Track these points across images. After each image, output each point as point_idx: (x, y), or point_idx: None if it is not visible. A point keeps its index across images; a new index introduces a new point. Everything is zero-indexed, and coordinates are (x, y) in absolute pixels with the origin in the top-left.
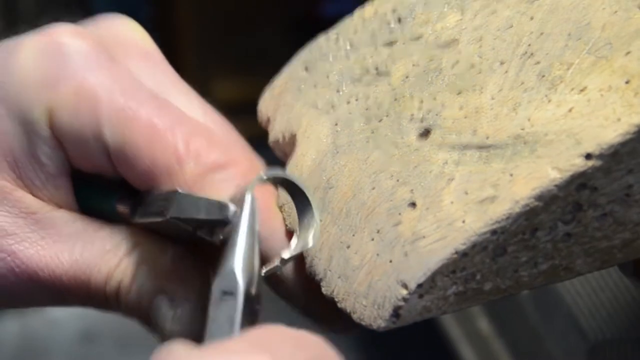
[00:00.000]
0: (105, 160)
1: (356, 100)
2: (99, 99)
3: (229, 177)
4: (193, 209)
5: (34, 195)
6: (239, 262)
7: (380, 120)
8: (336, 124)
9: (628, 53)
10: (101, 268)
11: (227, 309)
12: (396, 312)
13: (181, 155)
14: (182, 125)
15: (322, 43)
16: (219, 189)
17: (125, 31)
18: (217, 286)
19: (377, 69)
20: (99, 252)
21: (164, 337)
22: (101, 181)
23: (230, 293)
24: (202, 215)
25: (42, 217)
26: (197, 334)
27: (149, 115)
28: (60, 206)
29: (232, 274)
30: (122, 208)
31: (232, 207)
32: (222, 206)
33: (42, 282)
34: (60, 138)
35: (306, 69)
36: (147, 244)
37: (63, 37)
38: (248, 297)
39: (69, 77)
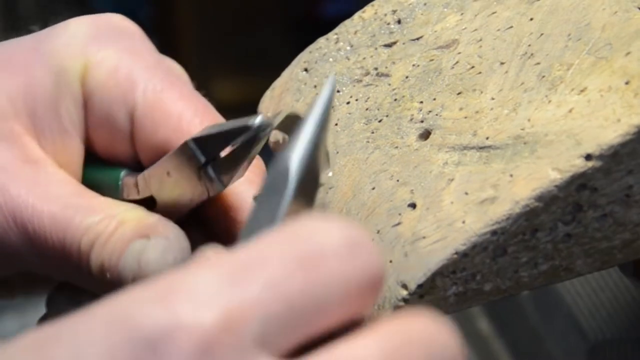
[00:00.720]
0: (123, 135)
1: (356, 100)
2: (138, 79)
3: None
4: (214, 127)
5: (41, 146)
6: (298, 149)
7: (380, 121)
8: (336, 124)
9: (628, 54)
10: (83, 221)
11: (273, 201)
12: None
13: None
14: (209, 116)
15: (322, 44)
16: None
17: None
18: (265, 180)
19: (377, 69)
20: (86, 210)
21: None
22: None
23: (278, 187)
24: (225, 127)
25: (41, 167)
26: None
27: (180, 109)
28: (62, 166)
29: (285, 159)
30: (128, 181)
31: (260, 116)
32: (249, 118)
33: (23, 224)
34: (86, 98)
35: (306, 69)
36: (138, 211)
37: (114, 17)
38: (300, 190)
39: (113, 47)
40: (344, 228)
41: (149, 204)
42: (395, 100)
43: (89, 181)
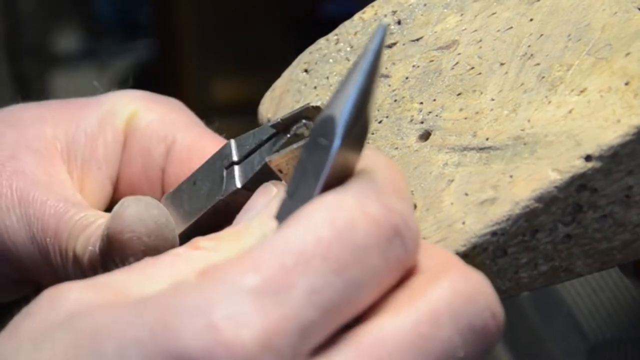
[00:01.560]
0: (155, 169)
1: None
2: (179, 125)
3: None
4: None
5: (69, 171)
6: (344, 105)
7: (380, 122)
8: None
9: (628, 54)
10: (76, 214)
11: (315, 160)
12: None
13: None
14: None
15: (323, 45)
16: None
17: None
18: (310, 136)
19: None
20: (81, 208)
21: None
22: None
23: (322, 144)
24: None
25: (54, 178)
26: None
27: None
28: (84, 195)
29: (329, 119)
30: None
31: (318, 102)
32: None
33: (28, 217)
34: (127, 136)
35: (306, 70)
36: None
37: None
38: (345, 149)
39: (160, 104)
40: (382, 212)
41: None
42: (395, 101)
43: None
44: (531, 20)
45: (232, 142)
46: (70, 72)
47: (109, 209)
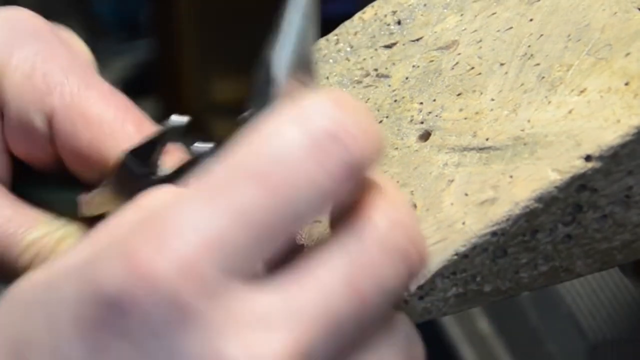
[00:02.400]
0: (42, 141)
1: None
2: (54, 82)
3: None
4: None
5: None
6: (282, 42)
7: (380, 122)
8: None
9: (628, 54)
10: (24, 238)
11: (259, 103)
12: None
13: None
14: (130, 115)
15: (322, 45)
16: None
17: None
18: (257, 76)
19: (377, 70)
20: (27, 225)
21: None
22: (53, 177)
23: (266, 82)
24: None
25: None
26: None
27: (100, 111)
28: None
29: (267, 59)
30: (84, 198)
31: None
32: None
33: None
34: (2, 105)
35: None
36: (77, 225)
37: (22, 14)
38: (290, 85)
39: (26, 49)
40: (309, 123)
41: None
42: (395, 101)
43: (42, 200)
44: (531, 20)
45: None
46: None
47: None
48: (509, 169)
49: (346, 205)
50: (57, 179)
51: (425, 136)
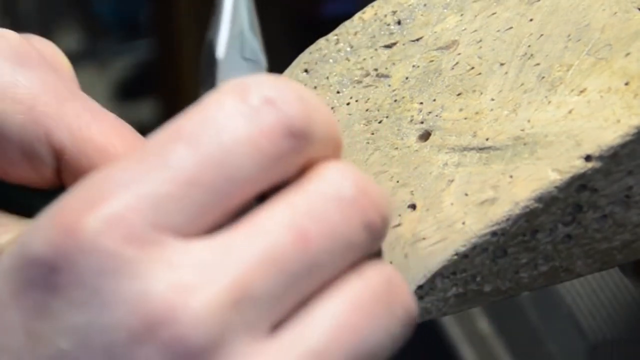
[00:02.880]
0: (46, 171)
1: (356, 101)
2: (58, 117)
3: None
4: None
5: None
6: (219, 25)
7: (380, 122)
8: None
9: (628, 54)
10: None
11: (206, 87)
12: None
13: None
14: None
15: (322, 45)
16: None
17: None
18: (200, 66)
19: (377, 70)
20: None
21: None
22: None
23: (209, 65)
24: None
25: None
26: None
27: (111, 142)
28: None
29: (209, 44)
30: None
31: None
32: None
33: None
34: None
35: (306, 70)
36: None
37: (11, 39)
38: (234, 65)
39: (24, 78)
40: (245, 91)
41: None
42: (395, 101)
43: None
44: (531, 20)
45: None
46: None
47: None
48: (509, 169)
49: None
50: (47, 192)
51: (425, 136)
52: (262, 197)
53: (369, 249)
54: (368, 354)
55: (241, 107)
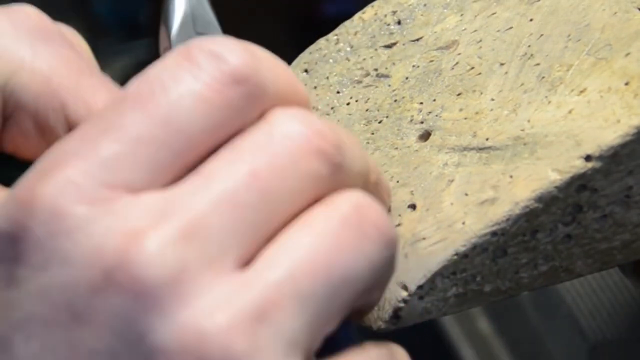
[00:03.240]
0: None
1: (356, 101)
2: (73, 89)
3: None
4: None
5: None
6: (171, 9)
7: (380, 122)
8: None
9: (628, 54)
10: None
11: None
12: (396, 314)
13: None
14: None
15: (322, 45)
16: None
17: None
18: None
19: (377, 70)
20: None
21: None
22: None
23: (165, 47)
24: None
25: None
26: None
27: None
28: None
29: (162, 27)
30: None
31: None
32: None
33: None
34: (9, 106)
35: (306, 70)
36: None
37: (27, 11)
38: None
39: (40, 50)
40: (188, 50)
41: None
42: (395, 101)
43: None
44: (531, 20)
45: None
46: None
47: None
48: (509, 169)
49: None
50: None
51: (425, 136)
52: None
53: (332, 181)
54: (342, 279)
55: (185, 64)
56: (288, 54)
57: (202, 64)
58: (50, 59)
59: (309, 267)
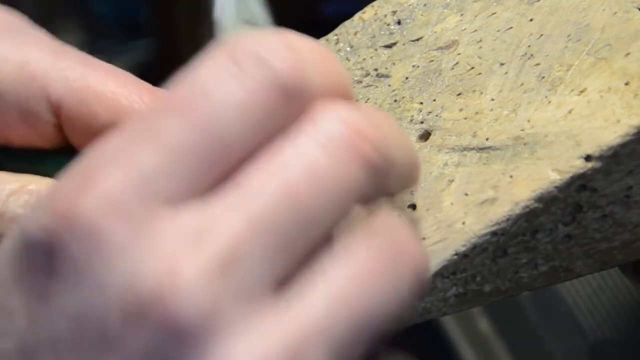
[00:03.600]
0: (46, 129)
1: (356, 101)
2: (52, 70)
3: None
4: None
5: None
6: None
7: None
8: None
9: (628, 54)
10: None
11: None
12: None
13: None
14: (143, 87)
15: (322, 45)
16: None
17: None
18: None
19: (377, 70)
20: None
21: None
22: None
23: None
24: None
25: None
26: None
27: (111, 88)
28: None
29: (217, 21)
30: None
31: None
32: None
33: None
34: None
35: None
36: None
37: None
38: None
39: (11, 42)
40: (235, 50)
41: None
42: (395, 101)
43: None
44: (531, 20)
45: None
46: None
47: None
48: (509, 169)
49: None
50: (49, 152)
51: (425, 136)
52: None
53: (374, 190)
54: (374, 319)
55: (229, 67)
56: None
57: (247, 69)
58: (23, 43)
59: (344, 306)
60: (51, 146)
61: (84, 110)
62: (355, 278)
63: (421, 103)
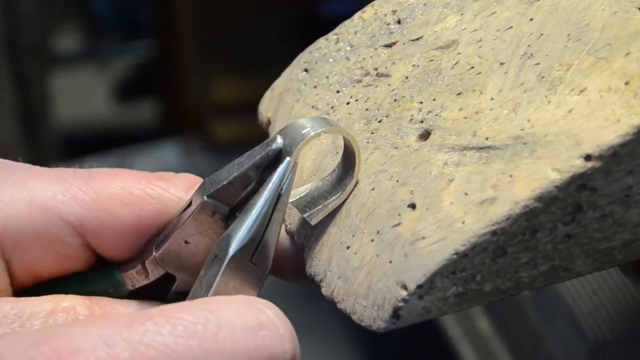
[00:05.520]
0: (74, 251)
1: (356, 101)
2: (59, 198)
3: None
4: (226, 172)
5: None
6: (241, 227)
7: (380, 121)
8: None
9: (627, 54)
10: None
11: (211, 273)
12: (396, 313)
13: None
14: (137, 176)
15: (322, 44)
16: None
17: None
18: (212, 249)
19: (377, 70)
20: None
21: None
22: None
23: (219, 257)
24: (243, 167)
25: None
26: None
27: (131, 191)
28: None
29: (227, 237)
30: (128, 271)
31: (278, 139)
32: (266, 144)
33: None
34: (6, 243)
35: (306, 70)
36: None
37: None
38: (240, 264)
39: (6, 184)
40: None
41: (163, 284)
42: (395, 100)
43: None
44: (531, 20)
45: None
46: (70, 72)
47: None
48: (509, 169)
49: None
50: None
51: (425, 135)
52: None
53: None
54: None
55: (239, 326)
56: (288, 54)
57: (251, 336)
58: (21, 182)
59: None
60: (81, 268)
61: (105, 217)
62: None
63: (421, 102)
